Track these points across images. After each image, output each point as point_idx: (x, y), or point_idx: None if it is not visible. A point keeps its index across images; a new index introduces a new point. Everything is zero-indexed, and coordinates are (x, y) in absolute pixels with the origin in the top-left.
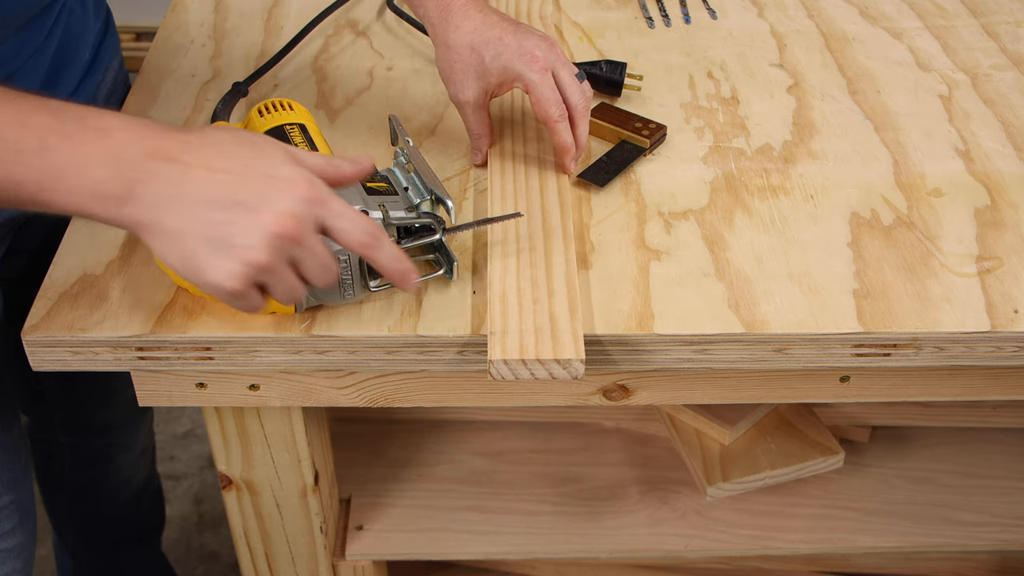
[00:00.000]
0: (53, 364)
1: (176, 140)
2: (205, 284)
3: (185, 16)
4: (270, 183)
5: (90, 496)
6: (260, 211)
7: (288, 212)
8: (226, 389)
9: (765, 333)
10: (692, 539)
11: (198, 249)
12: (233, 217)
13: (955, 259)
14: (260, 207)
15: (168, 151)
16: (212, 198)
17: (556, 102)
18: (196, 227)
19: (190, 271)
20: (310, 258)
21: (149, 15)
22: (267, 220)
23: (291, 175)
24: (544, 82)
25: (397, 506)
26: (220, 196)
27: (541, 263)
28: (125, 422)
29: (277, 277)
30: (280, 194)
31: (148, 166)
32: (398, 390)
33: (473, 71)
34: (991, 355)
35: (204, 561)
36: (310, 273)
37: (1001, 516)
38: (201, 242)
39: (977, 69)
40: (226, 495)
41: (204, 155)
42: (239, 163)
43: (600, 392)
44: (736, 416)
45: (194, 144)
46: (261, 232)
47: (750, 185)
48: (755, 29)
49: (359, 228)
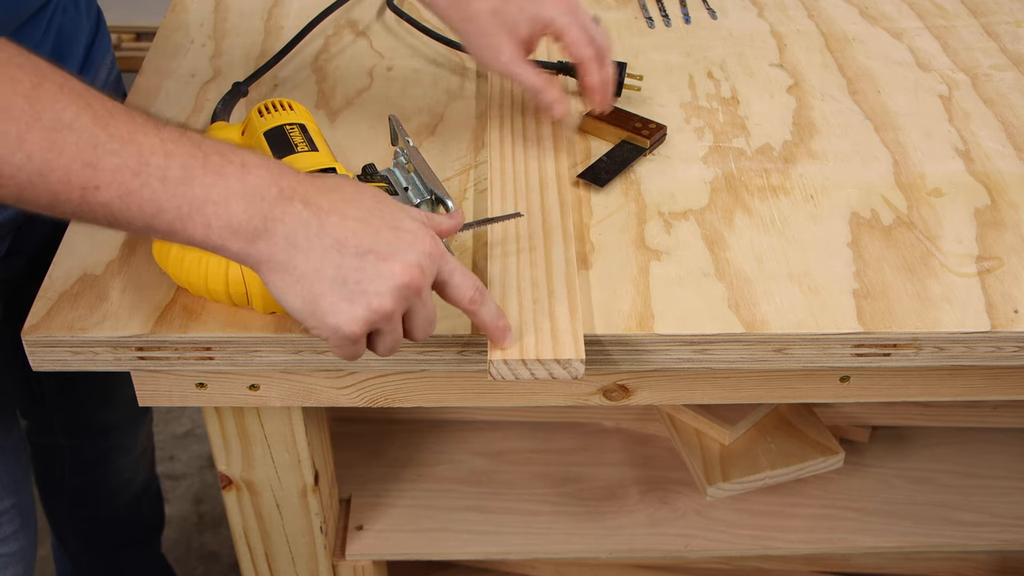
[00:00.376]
0: (53, 364)
1: (310, 184)
2: (324, 326)
3: (185, 16)
4: (399, 235)
5: (90, 499)
6: (391, 260)
7: (416, 264)
8: (226, 389)
9: (765, 333)
10: (692, 539)
11: (326, 292)
12: (364, 264)
13: (955, 259)
14: (391, 257)
15: (304, 194)
16: (345, 243)
17: (588, 42)
18: (326, 270)
19: (312, 312)
20: (421, 311)
21: (149, 15)
22: (397, 270)
23: (416, 229)
24: (575, 23)
25: (397, 506)
26: (353, 243)
27: (541, 263)
28: (124, 424)
29: (391, 326)
30: (409, 247)
31: (285, 206)
32: (398, 390)
33: (502, 32)
34: (991, 355)
35: (204, 561)
36: (416, 325)
37: (1001, 516)
38: (329, 285)
39: (977, 69)
40: (226, 495)
41: (336, 201)
42: (369, 213)
43: (600, 392)
44: (736, 416)
45: (326, 190)
46: (391, 281)
47: (750, 185)
48: (755, 29)
49: (471, 284)
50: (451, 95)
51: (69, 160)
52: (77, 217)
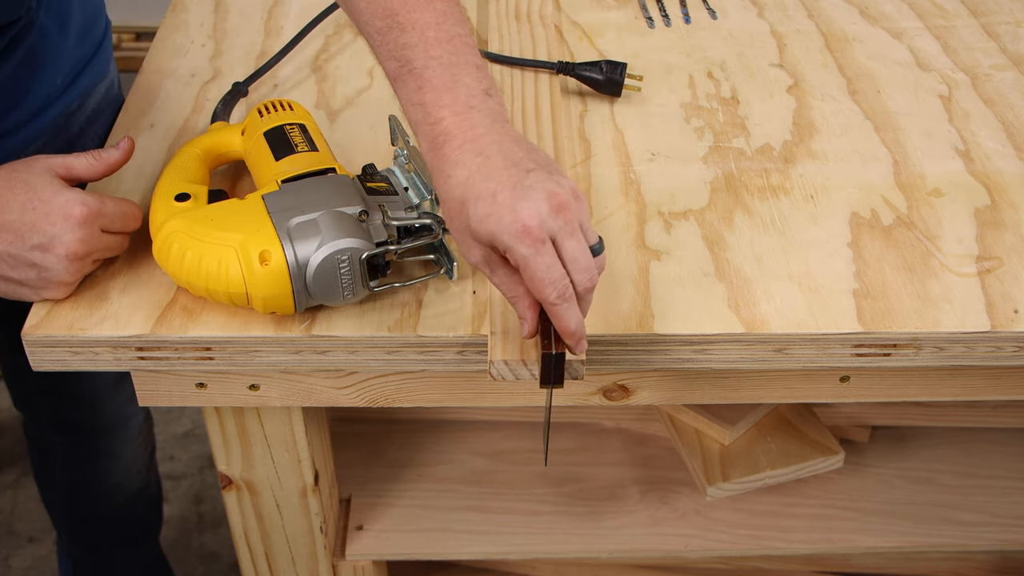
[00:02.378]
0: (53, 364)
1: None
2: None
3: (185, 16)
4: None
5: (81, 497)
6: (553, 174)
7: (568, 190)
8: (226, 389)
9: (765, 333)
10: (692, 539)
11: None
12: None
13: (955, 259)
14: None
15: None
16: (518, 163)
17: (552, 282)
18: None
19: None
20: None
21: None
22: (551, 186)
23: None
24: (536, 260)
25: (397, 506)
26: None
27: None
28: (111, 430)
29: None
30: (559, 181)
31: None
32: (398, 390)
33: (468, 231)
34: (991, 355)
35: (204, 561)
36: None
37: (1001, 516)
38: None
39: (977, 69)
40: (226, 495)
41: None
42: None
43: (600, 392)
44: (736, 416)
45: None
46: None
47: (750, 185)
48: (755, 29)
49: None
50: None
51: None
52: None
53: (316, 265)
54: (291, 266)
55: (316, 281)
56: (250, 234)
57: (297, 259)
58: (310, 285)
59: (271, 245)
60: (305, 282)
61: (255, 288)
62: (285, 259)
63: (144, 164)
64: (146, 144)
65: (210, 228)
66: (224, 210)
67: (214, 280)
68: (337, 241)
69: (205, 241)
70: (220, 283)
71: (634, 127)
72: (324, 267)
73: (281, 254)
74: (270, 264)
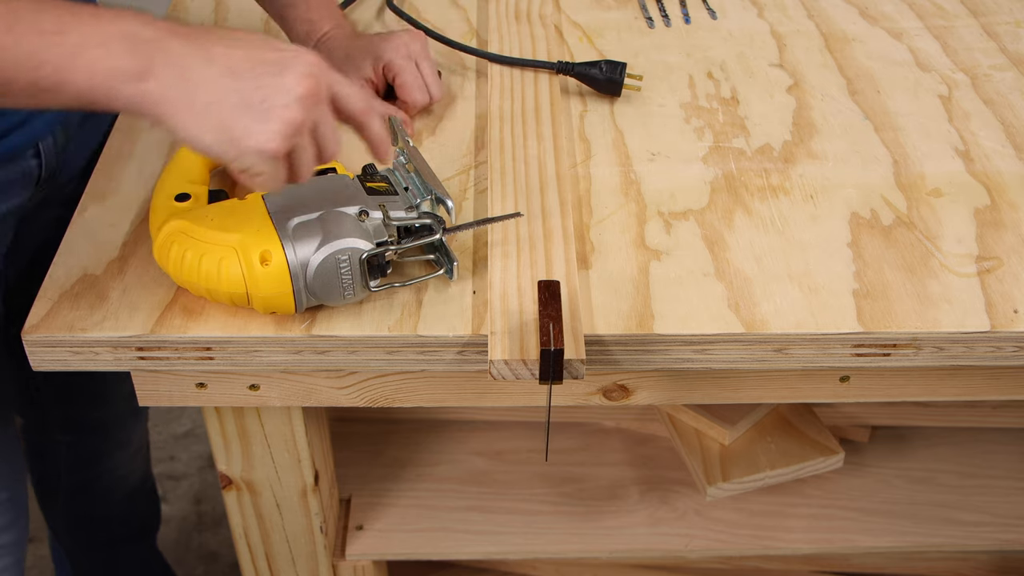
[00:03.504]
0: (53, 364)
1: (185, 24)
2: (246, 151)
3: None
4: (284, 54)
5: (85, 495)
6: (284, 75)
7: (308, 73)
8: (226, 389)
9: (765, 333)
10: (692, 539)
11: (236, 117)
12: (262, 83)
13: (955, 259)
14: (284, 71)
15: (183, 32)
16: (236, 69)
17: (421, 88)
18: (228, 96)
19: (228, 140)
20: (325, 123)
21: None
22: (292, 82)
23: (296, 47)
24: (408, 68)
25: (397, 506)
26: (243, 67)
27: (541, 263)
28: (121, 419)
29: (305, 140)
30: (295, 59)
31: (167, 42)
32: (398, 390)
33: (352, 73)
34: (991, 355)
35: (204, 561)
36: (327, 138)
37: (1001, 516)
38: (235, 109)
39: (977, 69)
40: (226, 495)
41: (217, 35)
42: (247, 42)
43: (600, 392)
44: (736, 416)
45: (202, 28)
46: (292, 93)
47: (750, 185)
48: (755, 29)
49: (360, 96)
50: (451, 95)
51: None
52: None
53: (316, 265)
54: (291, 266)
55: (316, 281)
56: (250, 234)
57: (297, 259)
58: (310, 285)
59: (271, 245)
60: (305, 282)
61: (255, 288)
62: (286, 259)
63: (144, 164)
64: (146, 144)
65: (210, 228)
66: (224, 210)
67: (214, 280)
68: (337, 241)
69: (205, 241)
70: (220, 283)
71: (634, 127)
72: (324, 267)
73: (281, 254)
74: (270, 264)
